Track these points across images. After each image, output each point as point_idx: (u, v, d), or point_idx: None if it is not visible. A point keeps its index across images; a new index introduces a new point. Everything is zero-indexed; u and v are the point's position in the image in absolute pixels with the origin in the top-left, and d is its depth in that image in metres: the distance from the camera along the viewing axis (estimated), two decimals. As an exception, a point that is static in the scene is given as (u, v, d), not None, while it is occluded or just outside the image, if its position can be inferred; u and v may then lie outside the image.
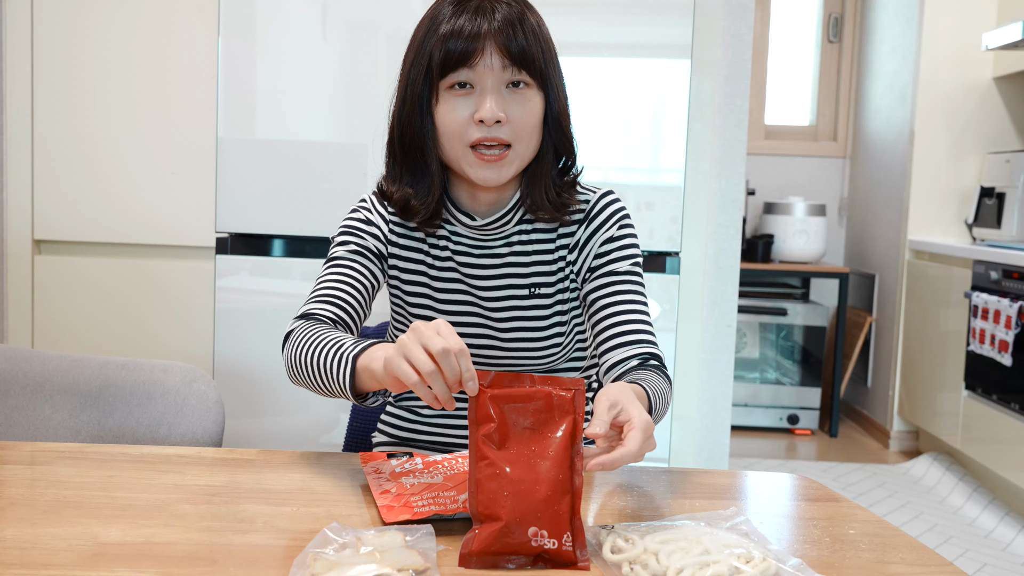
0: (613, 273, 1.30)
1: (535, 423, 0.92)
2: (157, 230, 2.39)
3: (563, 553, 0.88)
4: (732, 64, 2.42)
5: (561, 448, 0.91)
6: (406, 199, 1.26)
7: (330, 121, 2.20)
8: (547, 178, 1.27)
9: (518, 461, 0.91)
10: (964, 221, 3.97)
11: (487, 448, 0.91)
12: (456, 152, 1.22)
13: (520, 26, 1.19)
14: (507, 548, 0.88)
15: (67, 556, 0.85)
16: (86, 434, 1.43)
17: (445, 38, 1.18)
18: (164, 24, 2.36)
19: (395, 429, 1.41)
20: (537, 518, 0.88)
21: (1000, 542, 2.98)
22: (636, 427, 0.96)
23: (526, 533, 0.88)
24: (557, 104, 1.25)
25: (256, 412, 2.22)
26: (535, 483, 0.89)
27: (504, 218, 1.29)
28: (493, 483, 0.90)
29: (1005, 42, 3.50)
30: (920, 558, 0.94)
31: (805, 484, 1.19)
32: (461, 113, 1.20)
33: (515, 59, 1.18)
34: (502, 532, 0.88)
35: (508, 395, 0.93)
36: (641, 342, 1.26)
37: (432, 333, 0.96)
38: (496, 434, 0.92)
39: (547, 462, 0.91)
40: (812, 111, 4.84)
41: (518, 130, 1.21)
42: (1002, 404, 3.21)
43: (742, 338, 4.36)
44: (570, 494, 0.91)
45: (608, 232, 1.31)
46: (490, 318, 1.31)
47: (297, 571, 0.81)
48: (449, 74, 1.19)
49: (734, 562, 0.85)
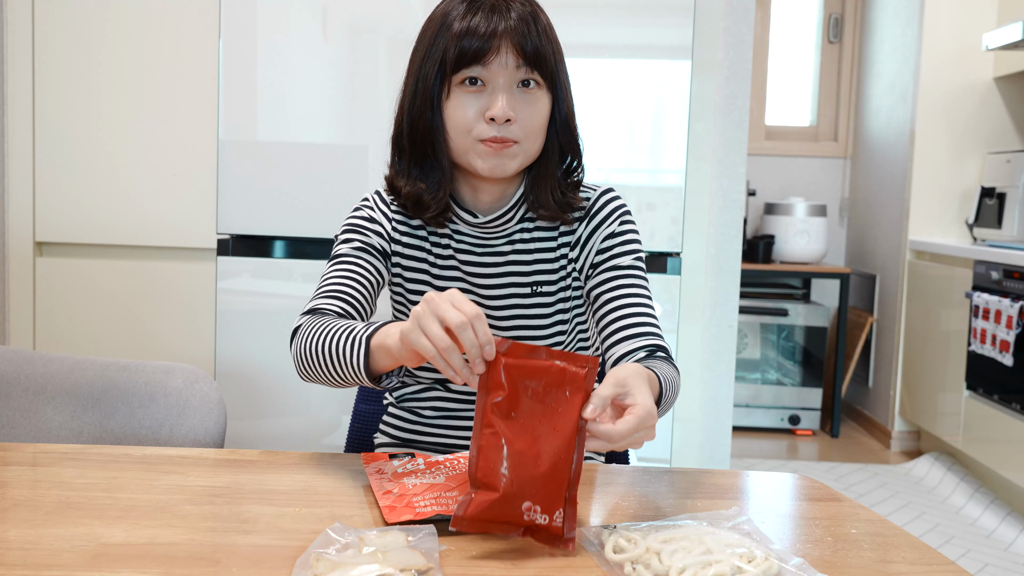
0: (616, 268, 1.31)
1: (545, 396, 0.93)
2: (158, 232, 2.39)
3: (552, 529, 0.90)
4: (733, 65, 2.42)
5: (568, 424, 0.92)
6: (418, 194, 1.26)
7: (331, 123, 2.20)
8: (552, 178, 1.28)
9: (522, 434, 0.91)
10: (965, 221, 3.97)
11: (494, 416, 0.92)
12: (465, 144, 1.22)
13: (534, 25, 1.20)
14: (500, 517, 0.90)
15: (70, 557, 0.85)
16: (88, 436, 1.43)
17: (459, 36, 1.18)
18: (165, 27, 2.36)
19: (397, 430, 1.41)
20: (533, 493, 0.89)
21: (1002, 542, 2.98)
22: (635, 413, 0.95)
23: (520, 507, 0.89)
24: (565, 105, 1.26)
25: (258, 414, 2.22)
26: (536, 457, 0.90)
27: (506, 216, 1.29)
28: (495, 453, 0.90)
29: (1005, 42, 3.50)
30: (922, 557, 0.94)
31: (807, 484, 1.19)
32: (471, 109, 1.20)
33: (528, 59, 1.19)
34: (497, 503, 0.89)
35: (522, 366, 0.93)
36: (647, 334, 1.26)
37: (448, 306, 0.95)
38: (504, 403, 0.92)
39: (551, 437, 0.91)
40: (813, 112, 4.84)
41: (526, 129, 1.21)
42: (1003, 404, 3.21)
43: (743, 339, 4.36)
44: (569, 472, 0.91)
45: (609, 228, 1.32)
46: (491, 316, 1.31)
47: (300, 571, 0.81)
48: (462, 69, 1.19)
49: (736, 562, 0.85)
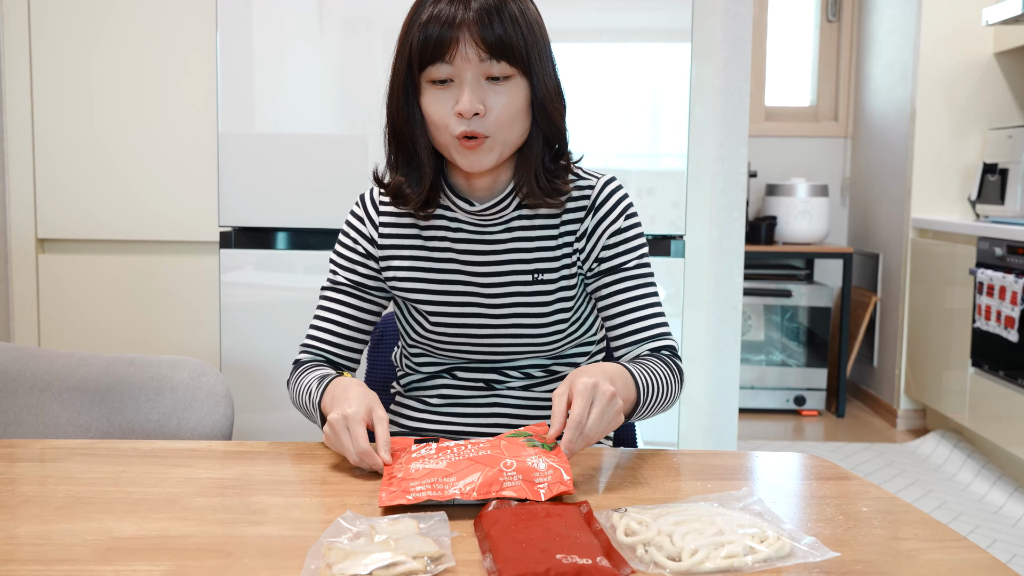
0: (621, 269, 1.31)
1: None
2: (160, 226, 2.39)
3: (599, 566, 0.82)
4: (732, 46, 2.41)
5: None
6: (399, 186, 1.28)
7: (330, 113, 2.19)
8: (536, 164, 1.26)
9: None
10: (967, 198, 3.96)
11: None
12: (445, 141, 1.23)
13: (497, 15, 1.17)
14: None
15: (82, 551, 0.86)
16: (95, 431, 1.43)
17: (424, 24, 1.18)
18: (163, 21, 2.35)
19: (404, 419, 1.41)
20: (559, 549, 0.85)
21: (1010, 518, 2.98)
22: (576, 392, 1.04)
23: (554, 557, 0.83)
24: (543, 90, 1.22)
25: (264, 406, 2.22)
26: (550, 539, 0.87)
27: (502, 203, 1.29)
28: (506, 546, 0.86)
29: (1005, 17, 3.48)
30: (934, 534, 0.93)
31: (816, 463, 1.19)
32: (443, 105, 1.20)
33: (492, 50, 1.17)
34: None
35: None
36: (652, 337, 1.29)
37: (342, 445, 1.08)
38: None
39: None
40: (812, 92, 4.82)
41: (499, 121, 1.20)
42: (1009, 380, 3.20)
43: (747, 321, 4.36)
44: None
45: (615, 224, 1.31)
46: (486, 304, 1.31)
47: (312, 561, 0.81)
48: (428, 68, 1.19)
49: (748, 542, 0.85)
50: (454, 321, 1.32)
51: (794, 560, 0.84)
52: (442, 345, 1.34)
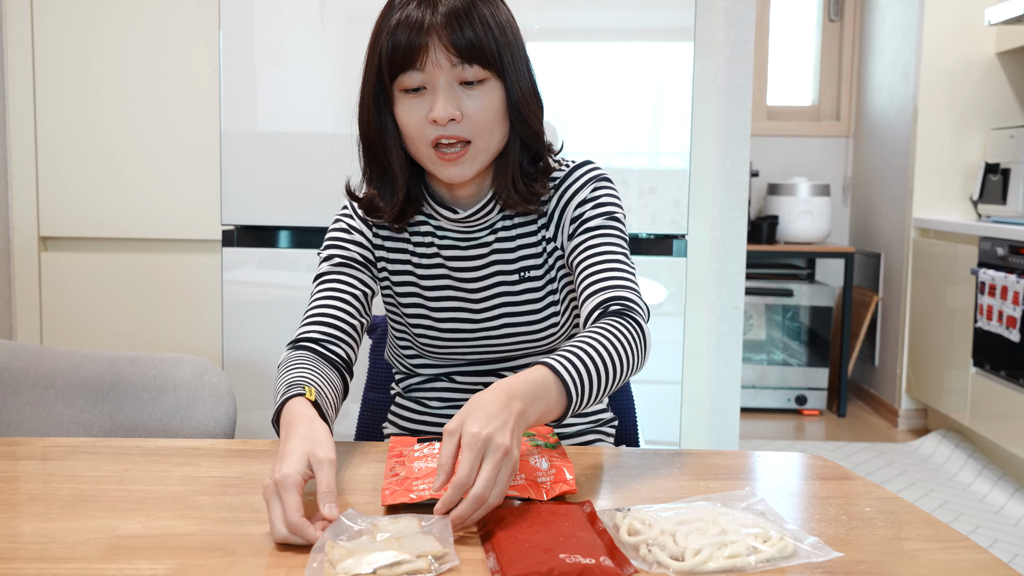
0: (588, 229, 1.26)
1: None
2: (163, 224, 2.39)
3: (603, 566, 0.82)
4: (734, 45, 2.41)
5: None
6: (371, 199, 1.26)
7: (332, 111, 2.19)
8: (514, 168, 1.24)
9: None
10: (969, 198, 3.96)
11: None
12: (421, 152, 1.21)
13: (466, 18, 1.15)
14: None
15: (85, 549, 0.86)
16: (98, 429, 1.43)
17: (393, 28, 1.16)
18: (165, 19, 2.35)
19: (404, 420, 1.41)
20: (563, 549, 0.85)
21: (1011, 518, 2.98)
22: (464, 445, 0.89)
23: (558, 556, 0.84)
24: (517, 93, 1.20)
25: (267, 404, 2.22)
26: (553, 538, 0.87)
27: (485, 208, 1.27)
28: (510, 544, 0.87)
29: (1008, 17, 3.48)
30: (937, 534, 0.93)
31: (819, 463, 1.19)
32: (417, 114, 1.18)
33: (463, 53, 1.15)
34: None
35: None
36: (607, 288, 1.20)
37: (273, 517, 0.88)
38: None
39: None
40: (814, 91, 4.82)
41: (476, 125, 1.18)
42: (1011, 380, 3.20)
43: (748, 320, 4.36)
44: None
45: (581, 195, 1.28)
46: (473, 308, 1.30)
47: (314, 558, 0.81)
48: (399, 76, 1.17)
49: (751, 542, 0.85)
50: (444, 326, 1.31)
51: (797, 560, 0.85)
52: (436, 349, 1.33)
